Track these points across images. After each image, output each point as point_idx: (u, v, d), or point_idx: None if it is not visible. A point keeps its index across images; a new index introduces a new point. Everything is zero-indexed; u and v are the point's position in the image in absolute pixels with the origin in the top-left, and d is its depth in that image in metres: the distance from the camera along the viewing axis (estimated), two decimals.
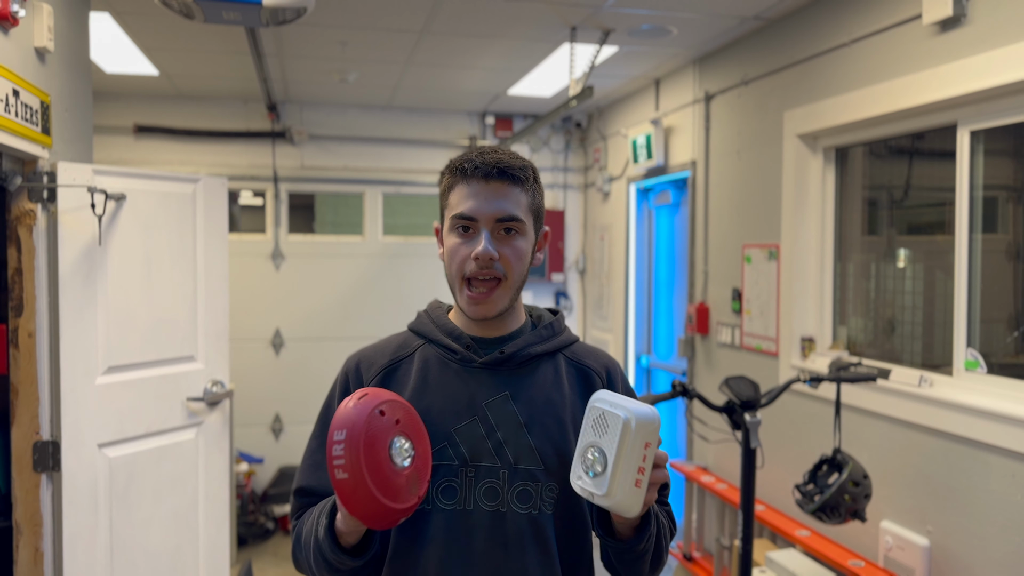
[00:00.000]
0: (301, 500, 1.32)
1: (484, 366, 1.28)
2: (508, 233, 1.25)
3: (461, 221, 1.25)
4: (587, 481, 1.12)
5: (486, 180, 1.24)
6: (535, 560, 1.23)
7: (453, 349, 1.30)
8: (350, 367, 1.34)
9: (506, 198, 1.24)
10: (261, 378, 5.10)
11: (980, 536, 2.36)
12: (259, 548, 4.52)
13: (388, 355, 1.33)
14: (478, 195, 1.24)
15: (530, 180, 1.28)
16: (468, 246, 1.24)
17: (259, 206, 5.25)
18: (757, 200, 3.50)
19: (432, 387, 1.28)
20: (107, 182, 2.58)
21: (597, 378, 1.35)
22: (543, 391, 1.29)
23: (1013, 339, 2.46)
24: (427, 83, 4.53)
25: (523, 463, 1.24)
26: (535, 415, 1.27)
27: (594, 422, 1.13)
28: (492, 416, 1.26)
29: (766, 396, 2.56)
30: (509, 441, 1.25)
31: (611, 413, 1.10)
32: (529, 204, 1.28)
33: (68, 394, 2.48)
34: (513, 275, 1.26)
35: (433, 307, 1.39)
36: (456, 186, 1.26)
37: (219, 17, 2.32)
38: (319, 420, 1.35)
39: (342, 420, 1.09)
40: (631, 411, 1.09)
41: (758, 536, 3.25)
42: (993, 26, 2.29)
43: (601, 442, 1.10)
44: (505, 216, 1.24)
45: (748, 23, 3.40)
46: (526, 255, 1.28)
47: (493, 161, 1.24)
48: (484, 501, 1.23)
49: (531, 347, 1.31)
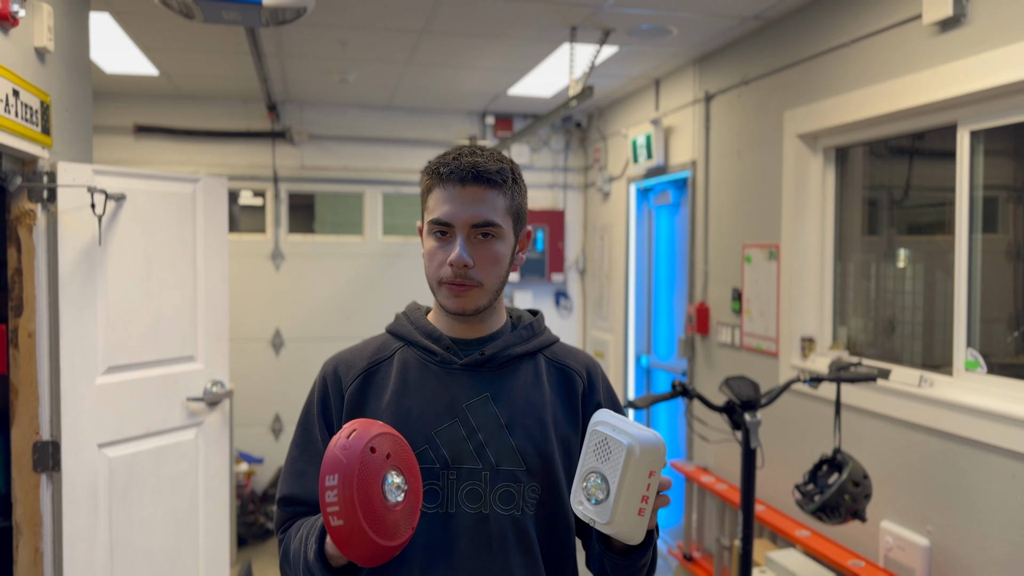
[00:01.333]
0: (286, 510, 1.30)
1: (464, 368, 1.28)
2: (485, 238, 1.23)
3: (437, 226, 1.23)
4: (588, 507, 1.10)
5: (462, 184, 1.21)
6: (519, 562, 1.23)
7: (432, 351, 1.29)
8: (328, 371, 1.32)
9: (482, 203, 1.22)
10: (261, 378, 5.10)
11: (980, 536, 2.36)
12: (259, 548, 4.52)
13: (367, 358, 1.32)
14: (454, 200, 1.21)
15: (508, 182, 1.25)
16: (444, 251, 1.23)
17: (259, 206, 5.25)
18: (757, 200, 3.49)
19: (412, 390, 1.27)
20: (107, 182, 2.58)
21: (577, 378, 1.34)
22: (524, 392, 1.28)
23: (1013, 339, 2.46)
24: (427, 83, 4.53)
25: (505, 464, 1.24)
26: (516, 416, 1.26)
27: (596, 447, 1.10)
28: (473, 418, 1.25)
29: (766, 396, 2.56)
30: (491, 443, 1.24)
31: (614, 440, 1.07)
32: (507, 207, 1.25)
33: (68, 394, 2.48)
34: (489, 280, 1.24)
35: (411, 309, 1.38)
36: (434, 189, 1.24)
37: (219, 17, 2.32)
38: (299, 427, 1.33)
39: (333, 464, 1.05)
40: (635, 438, 1.06)
41: (758, 536, 3.24)
42: (993, 26, 2.29)
43: (603, 469, 1.08)
44: (480, 222, 1.22)
45: (748, 23, 3.40)
46: (503, 259, 1.26)
47: (469, 165, 1.21)
48: (466, 503, 1.23)
49: (511, 348, 1.30)
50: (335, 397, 1.30)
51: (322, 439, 1.29)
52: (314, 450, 1.30)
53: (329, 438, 1.27)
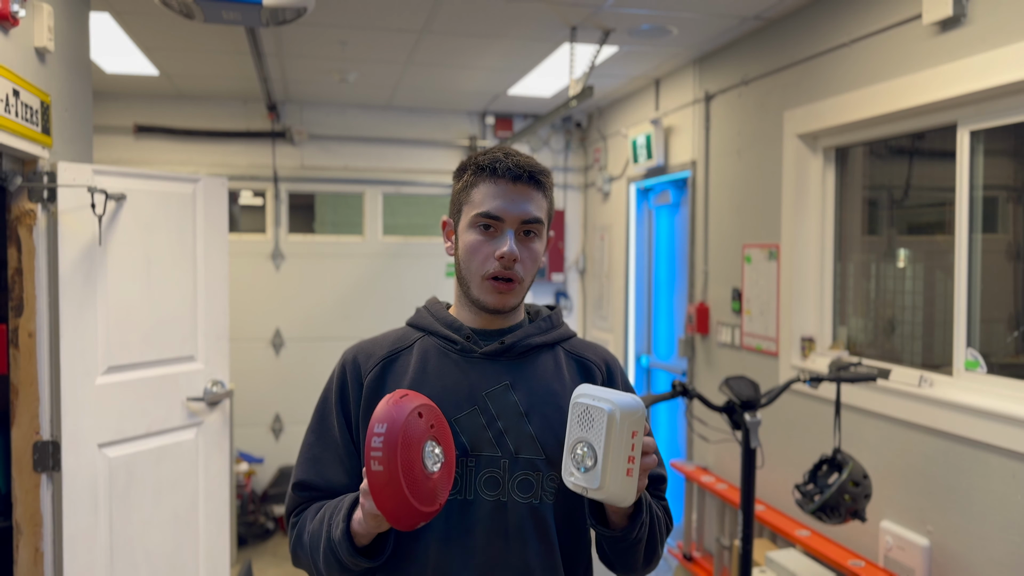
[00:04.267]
0: (300, 494, 1.31)
1: (484, 356, 1.29)
2: (528, 236, 1.28)
3: (485, 219, 1.26)
4: (579, 476, 1.13)
5: (514, 182, 1.26)
6: (536, 550, 1.24)
7: (453, 340, 1.30)
8: (347, 359, 1.34)
9: (531, 201, 1.27)
10: (261, 378, 5.10)
11: (980, 536, 2.36)
12: (259, 548, 4.52)
13: (387, 347, 1.33)
14: (505, 195, 1.25)
15: (549, 185, 1.32)
16: (491, 244, 1.26)
17: (259, 206, 5.25)
18: (757, 200, 3.50)
19: (431, 377, 1.28)
20: (107, 182, 2.58)
21: (597, 371, 1.36)
22: (543, 381, 1.30)
23: (1013, 339, 2.46)
24: (427, 83, 4.53)
25: (524, 452, 1.25)
26: (536, 404, 1.27)
27: (579, 417, 1.14)
28: (493, 406, 1.26)
29: (766, 396, 2.56)
30: (510, 430, 1.25)
31: (595, 407, 1.12)
32: (547, 209, 1.31)
33: (68, 394, 2.48)
34: (528, 277, 1.29)
35: (432, 303, 1.40)
36: (480, 184, 1.27)
37: (219, 17, 2.32)
38: (316, 414, 1.34)
39: (384, 415, 1.09)
40: (614, 403, 1.10)
41: (758, 536, 3.25)
42: (993, 26, 2.29)
43: (588, 436, 1.12)
44: (530, 218, 1.26)
45: (748, 23, 3.40)
46: (540, 257, 1.31)
47: (523, 163, 1.27)
48: (485, 491, 1.24)
49: (531, 338, 1.32)
50: (354, 385, 1.31)
51: (339, 427, 1.30)
52: (330, 437, 1.31)
53: (346, 426, 1.30)
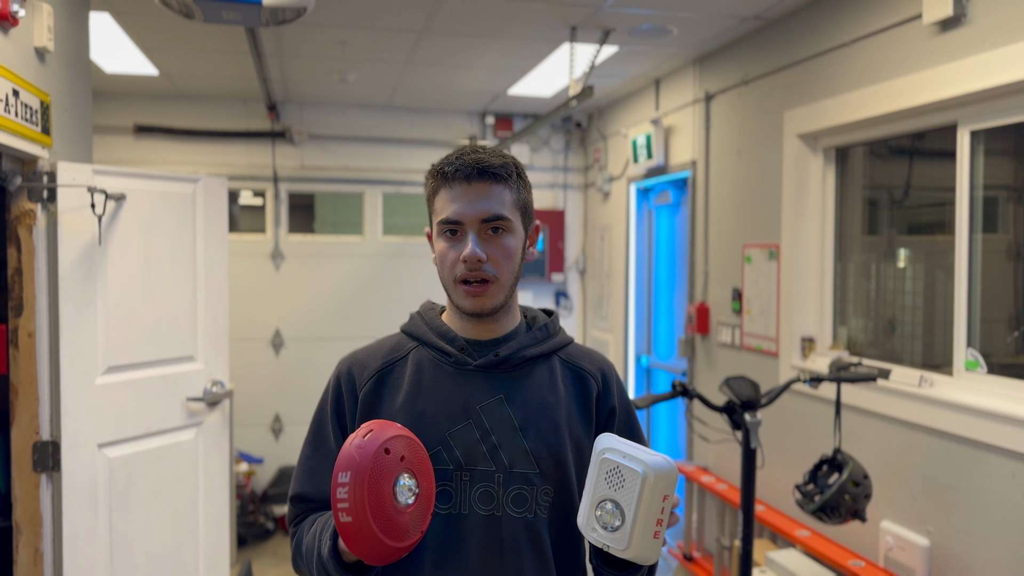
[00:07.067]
0: (298, 507, 1.31)
1: (478, 369, 1.27)
2: (496, 232, 1.24)
3: (447, 226, 1.24)
4: (603, 535, 1.11)
5: (468, 182, 1.22)
6: (530, 564, 1.23)
7: (447, 352, 1.29)
8: (342, 371, 1.32)
9: (490, 197, 1.23)
10: (261, 378, 5.10)
11: (980, 536, 2.36)
12: (259, 548, 4.52)
13: (381, 358, 1.32)
14: (461, 198, 1.22)
15: (513, 176, 1.26)
16: (456, 249, 1.23)
17: (259, 206, 5.25)
18: (757, 200, 3.49)
19: (426, 391, 1.27)
20: (107, 182, 2.58)
21: (592, 381, 1.34)
22: (538, 394, 1.28)
23: (1013, 339, 2.46)
24: (427, 83, 4.53)
25: (518, 467, 1.24)
26: (530, 418, 1.26)
27: (608, 475, 1.11)
28: (487, 420, 1.25)
29: (766, 396, 2.56)
30: (504, 445, 1.24)
31: (627, 468, 1.08)
32: (515, 201, 1.26)
33: (68, 394, 2.48)
34: (504, 274, 1.25)
35: (426, 308, 1.38)
36: (440, 190, 1.25)
37: (219, 17, 2.32)
38: (312, 426, 1.34)
39: (346, 461, 1.07)
40: (648, 465, 1.07)
41: (758, 536, 3.24)
42: (993, 26, 2.29)
43: (617, 496, 1.09)
44: (490, 216, 1.22)
45: (748, 23, 3.40)
46: (515, 252, 1.26)
47: (473, 161, 1.22)
48: (479, 505, 1.23)
49: (525, 349, 1.30)
50: (349, 397, 1.30)
51: (334, 439, 1.30)
52: (326, 449, 1.30)
53: (342, 438, 1.28)
